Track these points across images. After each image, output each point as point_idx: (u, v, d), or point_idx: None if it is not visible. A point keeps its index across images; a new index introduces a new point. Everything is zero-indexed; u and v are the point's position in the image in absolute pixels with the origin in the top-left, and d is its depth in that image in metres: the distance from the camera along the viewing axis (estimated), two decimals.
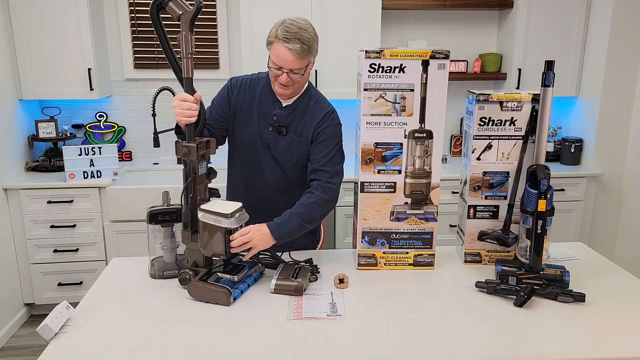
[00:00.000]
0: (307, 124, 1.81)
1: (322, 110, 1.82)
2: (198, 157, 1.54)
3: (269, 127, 1.81)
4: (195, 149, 1.52)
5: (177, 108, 1.53)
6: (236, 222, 1.53)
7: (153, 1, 1.53)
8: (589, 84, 3.40)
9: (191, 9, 1.49)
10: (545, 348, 1.30)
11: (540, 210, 1.56)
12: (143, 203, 2.15)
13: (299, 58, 1.65)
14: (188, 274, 1.57)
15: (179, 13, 1.50)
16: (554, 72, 1.59)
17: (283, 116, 1.81)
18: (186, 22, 1.49)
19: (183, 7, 1.49)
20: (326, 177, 1.77)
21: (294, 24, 1.66)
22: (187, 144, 1.53)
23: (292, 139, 1.81)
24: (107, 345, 1.31)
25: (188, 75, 1.53)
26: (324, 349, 1.29)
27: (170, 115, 3.79)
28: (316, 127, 1.80)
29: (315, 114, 1.81)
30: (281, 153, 1.83)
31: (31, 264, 3.07)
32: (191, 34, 1.50)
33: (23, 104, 3.22)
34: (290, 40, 1.63)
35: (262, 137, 1.82)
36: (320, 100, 1.86)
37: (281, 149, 1.82)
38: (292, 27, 1.64)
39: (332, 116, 1.83)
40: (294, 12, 3.12)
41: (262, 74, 1.86)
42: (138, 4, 3.38)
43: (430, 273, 1.75)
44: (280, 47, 1.64)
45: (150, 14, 1.55)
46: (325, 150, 1.79)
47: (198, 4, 1.48)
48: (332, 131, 1.81)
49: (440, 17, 3.58)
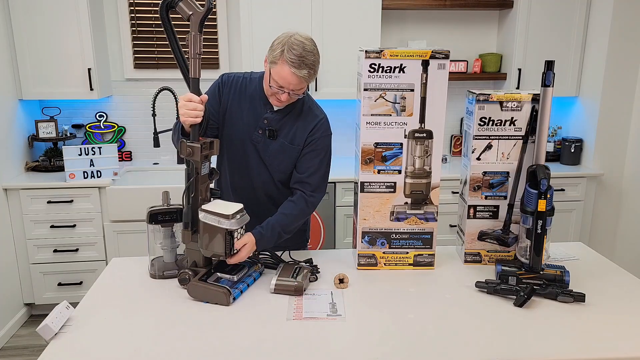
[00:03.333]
0: (299, 131, 1.79)
1: (315, 117, 1.81)
2: (201, 158, 1.54)
3: (259, 129, 1.79)
4: (199, 149, 1.52)
5: (182, 108, 1.53)
6: (237, 224, 1.53)
7: (163, 0, 1.53)
8: (589, 84, 3.40)
9: (201, 10, 1.49)
10: (545, 348, 1.30)
11: (540, 210, 1.56)
12: (143, 203, 2.15)
13: (305, 82, 1.65)
14: (188, 274, 1.57)
15: (189, 13, 1.49)
16: (554, 72, 1.59)
17: (274, 120, 1.78)
18: (196, 23, 1.49)
19: (193, 8, 1.49)
20: (310, 189, 1.79)
21: (301, 46, 1.60)
22: (191, 144, 1.53)
23: (282, 144, 1.80)
24: (107, 345, 1.31)
25: (195, 75, 1.53)
26: (324, 349, 1.29)
27: (170, 115, 3.81)
28: (308, 135, 1.79)
29: (308, 121, 1.80)
30: (270, 157, 1.82)
31: (31, 264, 3.07)
32: (200, 35, 1.50)
33: (23, 104, 3.22)
34: (299, 67, 1.60)
35: (252, 139, 1.80)
36: (313, 106, 1.84)
37: (270, 153, 1.81)
38: (300, 50, 1.59)
39: (325, 126, 1.82)
40: (294, 12, 3.13)
41: (255, 74, 1.84)
42: (138, 4, 3.38)
43: (430, 273, 1.75)
44: (288, 71, 1.60)
45: (159, 13, 1.55)
46: (313, 162, 1.79)
47: (209, 5, 1.48)
48: (323, 142, 1.80)
49: (440, 17, 3.58)
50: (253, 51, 3.15)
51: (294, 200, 1.78)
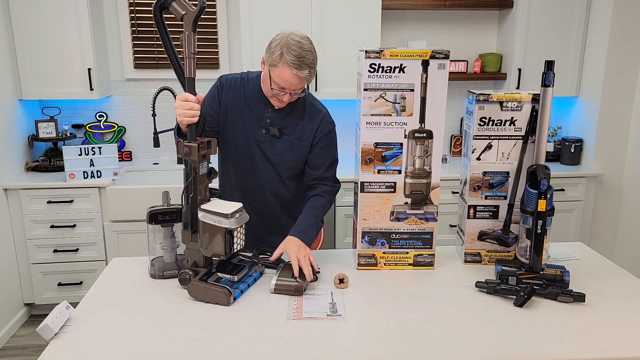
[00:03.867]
0: (306, 127, 1.82)
1: (319, 112, 1.85)
2: (199, 157, 1.54)
3: (262, 129, 1.81)
4: (197, 149, 1.52)
5: (178, 108, 1.53)
6: (236, 223, 1.53)
7: (156, 1, 1.53)
8: (589, 84, 3.40)
9: (194, 9, 1.49)
10: (545, 348, 1.30)
11: (540, 210, 1.56)
12: (143, 203, 2.15)
13: (306, 82, 1.68)
14: (188, 274, 1.57)
15: (182, 13, 1.49)
16: (554, 72, 1.59)
17: (277, 119, 1.80)
18: (189, 22, 1.49)
19: (186, 7, 1.49)
20: (331, 182, 1.89)
21: (299, 46, 1.62)
22: (188, 143, 1.53)
23: (290, 142, 1.81)
24: (107, 345, 1.31)
25: (191, 75, 1.53)
26: (324, 349, 1.29)
27: (170, 115, 3.82)
28: (316, 132, 1.82)
29: (313, 116, 1.83)
30: (277, 156, 1.83)
31: (31, 264, 3.07)
32: (194, 34, 1.50)
33: (23, 104, 3.22)
34: (299, 67, 1.61)
35: (256, 139, 1.81)
36: (314, 101, 1.88)
37: (277, 151, 1.82)
38: (298, 50, 1.61)
39: (329, 119, 1.87)
40: (294, 12, 3.13)
41: (252, 74, 1.85)
42: (138, 4, 3.38)
43: (430, 273, 1.75)
44: (289, 72, 1.62)
45: (153, 13, 1.56)
46: (327, 156, 1.86)
47: (201, 4, 1.48)
48: (331, 135, 1.87)
49: (440, 17, 3.58)
50: (253, 51, 3.15)
51: (321, 194, 1.84)
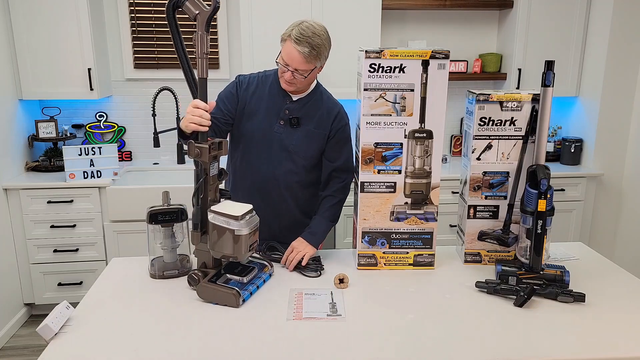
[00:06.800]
0: (325, 116, 1.87)
1: (336, 105, 1.91)
2: (210, 158, 1.54)
3: (280, 120, 1.84)
4: (208, 150, 1.52)
5: (188, 114, 1.53)
6: (246, 225, 1.51)
7: (169, 0, 1.53)
8: (589, 84, 3.40)
9: (208, 9, 1.49)
10: (545, 348, 1.30)
11: (540, 210, 1.56)
12: (143, 203, 2.15)
13: (305, 61, 1.70)
14: (197, 275, 1.56)
15: (196, 13, 1.49)
16: (554, 72, 1.59)
17: (295, 109, 1.85)
18: (202, 22, 1.49)
19: (200, 7, 1.49)
20: (345, 175, 1.93)
21: (310, 28, 1.70)
22: (199, 145, 1.52)
23: (308, 131, 1.85)
24: (107, 345, 1.31)
25: (203, 75, 1.53)
26: (324, 349, 1.29)
27: (170, 116, 3.82)
28: (333, 123, 1.87)
29: (330, 108, 1.89)
30: (295, 145, 1.85)
31: (31, 264, 3.07)
32: (207, 34, 1.50)
33: (23, 104, 3.22)
34: (301, 43, 1.67)
35: (274, 130, 1.85)
36: (331, 96, 1.94)
37: (295, 142, 1.85)
38: (307, 31, 1.68)
39: (345, 113, 1.93)
40: (294, 12, 3.13)
41: (269, 72, 1.91)
42: (138, 4, 3.38)
43: (430, 273, 1.75)
44: (291, 46, 1.69)
45: (166, 13, 1.56)
46: (346, 147, 1.92)
47: (215, 4, 1.48)
48: (348, 129, 1.93)
49: (440, 17, 3.58)
50: (253, 51, 3.15)
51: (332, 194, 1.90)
